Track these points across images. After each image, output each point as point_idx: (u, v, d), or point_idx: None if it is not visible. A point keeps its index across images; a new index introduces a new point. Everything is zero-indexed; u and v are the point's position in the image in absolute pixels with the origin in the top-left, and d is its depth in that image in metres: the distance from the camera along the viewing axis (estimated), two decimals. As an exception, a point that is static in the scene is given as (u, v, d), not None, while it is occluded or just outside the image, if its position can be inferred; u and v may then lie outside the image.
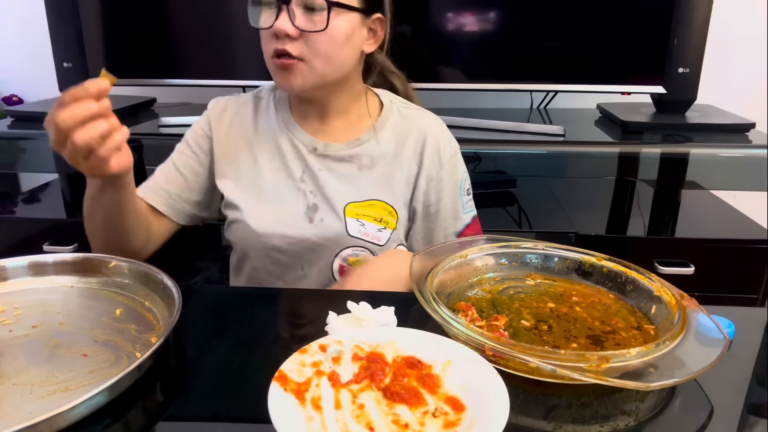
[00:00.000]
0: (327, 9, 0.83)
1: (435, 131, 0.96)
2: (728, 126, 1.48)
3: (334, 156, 0.94)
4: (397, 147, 0.95)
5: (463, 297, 0.73)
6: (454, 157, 0.97)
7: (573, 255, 0.78)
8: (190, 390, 0.59)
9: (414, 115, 0.99)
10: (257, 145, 0.96)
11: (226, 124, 0.97)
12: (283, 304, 0.78)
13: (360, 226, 0.91)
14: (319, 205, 0.92)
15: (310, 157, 0.94)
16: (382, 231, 0.92)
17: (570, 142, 1.42)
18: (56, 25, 1.52)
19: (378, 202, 0.92)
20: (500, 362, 0.57)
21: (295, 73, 0.85)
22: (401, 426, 0.50)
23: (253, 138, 0.96)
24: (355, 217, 0.91)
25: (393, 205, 0.93)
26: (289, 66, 0.85)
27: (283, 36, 0.83)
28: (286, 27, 0.82)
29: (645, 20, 1.43)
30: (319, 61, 0.85)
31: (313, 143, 0.94)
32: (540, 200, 1.62)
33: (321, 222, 0.91)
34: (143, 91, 1.78)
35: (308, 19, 0.83)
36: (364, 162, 0.94)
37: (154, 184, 0.96)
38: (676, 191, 1.63)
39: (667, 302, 0.67)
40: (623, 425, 0.53)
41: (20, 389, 0.56)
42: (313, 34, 0.83)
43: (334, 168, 0.94)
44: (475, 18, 1.46)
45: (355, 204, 0.92)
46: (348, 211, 0.91)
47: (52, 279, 0.77)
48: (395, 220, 0.93)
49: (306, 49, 0.84)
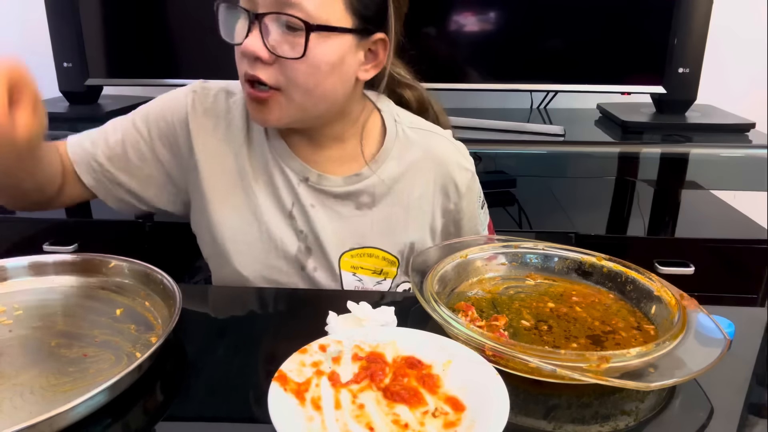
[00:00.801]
0: (305, 32, 0.66)
1: (449, 156, 0.83)
2: (728, 126, 1.48)
3: (328, 192, 0.80)
4: (405, 181, 0.81)
5: (463, 297, 0.73)
6: (472, 181, 0.85)
7: (573, 255, 0.78)
8: (190, 390, 0.59)
9: (423, 139, 0.83)
10: (245, 163, 0.81)
11: (210, 130, 0.81)
12: (283, 304, 0.78)
13: (357, 281, 0.81)
14: (312, 250, 0.80)
15: (301, 188, 0.80)
16: (381, 283, 0.82)
17: (570, 142, 1.42)
18: (56, 25, 1.51)
19: (377, 252, 0.81)
20: (500, 362, 0.57)
21: (270, 106, 0.71)
22: (401, 426, 0.50)
23: (245, 161, 0.80)
24: (351, 271, 0.80)
25: (394, 254, 0.81)
26: (262, 99, 0.71)
27: (252, 59, 0.69)
28: (256, 48, 0.68)
29: (645, 20, 1.43)
30: (297, 93, 0.70)
31: (305, 172, 0.79)
32: (540, 200, 1.62)
33: (314, 272, 0.81)
34: (143, 91, 1.78)
35: (286, 40, 0.68)
36: (363, 201, 0.81)
37: (88, 148, 0.81)
38: (676, 191, 1.63)
39: (667, 302, 0.67)
40: (623, 425, 0.53)
41: (20, 389, 0.56)
42: (289, 60, 0.68)
43: (329, 206, 0.80)
44: (476, 18, 1.46)
45: (351, 253, 0.80)
46: (343, 263, 0.80)
47: (52, 279, 0.77)
48: (396, 268, 0.82)
49: (282, 77, 0.69)
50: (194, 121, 0.81)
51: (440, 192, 0.83)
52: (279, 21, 0.68)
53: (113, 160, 0.82)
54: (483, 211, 0.91)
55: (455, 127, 1.50)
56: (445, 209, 0.85)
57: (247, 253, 0.81)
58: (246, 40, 0.68)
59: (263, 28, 0.68)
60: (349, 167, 0.81)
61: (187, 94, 0.83)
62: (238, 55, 0.72)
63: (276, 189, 0.80)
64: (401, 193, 0.82)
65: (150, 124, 0.82)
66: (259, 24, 0.68)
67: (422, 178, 0.82)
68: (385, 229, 0.81)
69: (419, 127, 0.85)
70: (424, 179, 0.82)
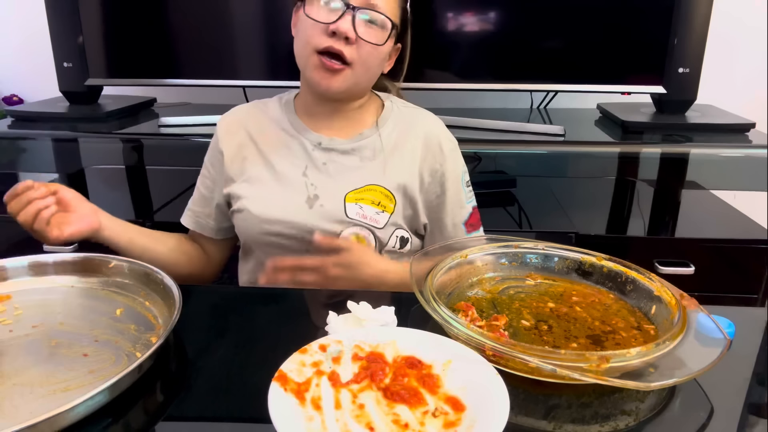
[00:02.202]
0: (390, 29, 0.89)
1: (435, 127, 1.00)
2: (728, 126, 1.48)
3: (337, 149, 0.96)
4: (399, 141, 0.98)
5: (463, 297, 0.73)
6: (454, 151, 1.00)
7: (573, 255, 0.78)
8: (190, 390, 0.59)
9: (414, 113, 1.02)
10: (264, 144, 0.98)
11: (233, 134, 1.00)
12: (283, 304, 0.78)
13: (358, 209, 0.93)
14: (320, 195, 0.94)
15: (315, 152, 0.96)
16: (380, 214, 0.94)
17: (570, 142, 1.42)
18: (56, 25, 1.51)
19: (376, 187, 0.94)
20: (500, 362, 0.57)
21: (340, 77, 0.88)
22: (401, 426, 0.50)
23: (260, 138, 0.99)
24: (354, 202, 0.94)
25: (391, 190, 0.95)
26: (337, 69, 0.87)
27: (342, 37, 0.85)
28: (349, 30, 0.85)
29: (645, 20, 1.43)
30: (362, 70, 0.89)
31: (318, 138, 0.97)
32: (540, 200, 1.61)
33: (321, 207, 0.93)
34: (143, 91, 1.78)
35: (368, 29, 0.87)
36: (366, 154, 0.96)
37: (187, 209, 1.05)
38: (676, 191, 1.63)
39: (667, 302, 0.67)
40: (623, 425, 0.53)
41: (20, 389, 0.56)
42: (366, 43, 0.87)
43: (338, 160, 0.96)
44: (476, 18, 1.46)
45: (354, 191, 0.94)
46: (348, 197, 0.94)
47: (53, 279, 0.77)
48: (393, 205, 0.95)
49: (356, 56, 0.87)
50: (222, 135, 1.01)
51: (429, 153, 0.98)
52: (367, 14, 0.87)
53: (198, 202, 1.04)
54: (468, 189, 1.02)
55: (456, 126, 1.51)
56: (432, 169, 0.98)
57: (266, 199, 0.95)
58: (340, 21, 0.85)
59: (354, 17, 0.86)
60: (354, 130, 0.98)
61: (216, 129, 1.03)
62: (314, 31, 0.87)
63: (293, 154, 0.97)
64: (396, 148, 0.97)
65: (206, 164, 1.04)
66: (353, 13, 0.86)
67: (414, 139, 0.98)
68: (383, 173, 0.96)
69: (410, 106, 1.04)
70: (415, 140, 0.98)
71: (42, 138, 1.46)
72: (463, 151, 1.01)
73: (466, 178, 1.02)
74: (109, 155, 1.48)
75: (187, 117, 1.49)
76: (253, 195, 0.95)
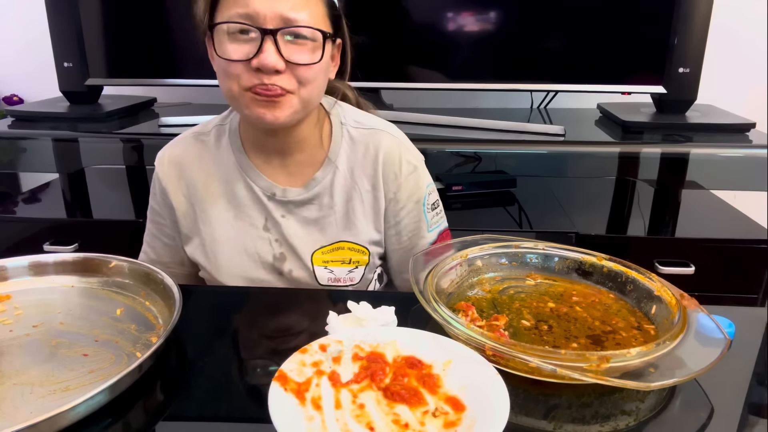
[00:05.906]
0: (322, 38, 0.76)
1: (389, 151, 0.89)
2: (728, 126, 1.48)
3: (294, 201, 0.88)
4: (353, 178, 0.89)
5: (463, 297, 0.73)
6: (413, 174, 0.90)
7: (573, 255, 0.78)
8: (190, 390, 0.59)
9: (365, 137, 0.90)
10: (212, 198, 0.89)
11: (177, 184, 0.90)
12: (283, 304, 0.78)
13: (329, 273, 0.89)
14: (286, 255, 0.89)
15: (270, 204, 0.88)
16: (354, 271, 0.89)
17: (570, 142, 1.42)
18: (56, 25, 1.51)
19: (344, 244, 0.88)
20: (500, 362, 0.57)
21: (284, 105, 0.77)
22: (401, 426, 0.50)
23: (205, 190, 0.89)
24: (323, 266, 0.88)
25: (360, 243, 0.89)
26: (277, 99, 0.76)
27: (270, 72, 0.74)
28: (276, 63, 0.73)
29: (645, 20, 1.43)
30: (306, 91, 0.78)
31: (271, 188, 0.88)
32: (540, 200, 1.61)
33: (290, 273, 0.89)
34: (143, 91, 1.78)
35: (296, 49, 0.75)
36: (324, 202, 0.89)
37: (150, 260, 0.95)
38: (677, 191, 1.63)
39: (668, 302, 0.67)
40: (623, 425, 0.53)
41: (20, 389, 0.56)
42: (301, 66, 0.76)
43: (297, 212, 0.89)
44: (475, 18, 1.46)
45: (322, 250, 0.88)
46: (315, 259, 0.88)
47: (53, 279, 0.77)
48: (366, 255, 0.90)
49: (294, 81, 0.76)
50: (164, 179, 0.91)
51: (382, 180, 0.89)
52: (290, 33, 0.74)
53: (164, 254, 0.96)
54: (434, 213, 0.93)
55: (456, 126, 1.51)
56: (388, 198, 0.90)
57: (230, 267, 0.89)
58: (263, 55, 0.73)
59: (276, 42, 0.73)
60: (307, 173, 0.89)
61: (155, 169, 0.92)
62: (237, 70, 0.75)
63: (247, 208, 0.89)
64: (354, 188, 0.89)
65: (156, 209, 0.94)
66: (274, 38, 0.73)
67: (370, 171, 0.89)
68: (347, 224, 0.89)
69: (363, 126, 0.91)
70: (371, 172, 0.89)
71: (42, 138, 1.46)
72: (464, 151, 1.00)
73: (430, 200, 0.92)
74: (109, 155, 1.48)
75: (187, 117, 1.50)
76: (216, 263, 0.89)
